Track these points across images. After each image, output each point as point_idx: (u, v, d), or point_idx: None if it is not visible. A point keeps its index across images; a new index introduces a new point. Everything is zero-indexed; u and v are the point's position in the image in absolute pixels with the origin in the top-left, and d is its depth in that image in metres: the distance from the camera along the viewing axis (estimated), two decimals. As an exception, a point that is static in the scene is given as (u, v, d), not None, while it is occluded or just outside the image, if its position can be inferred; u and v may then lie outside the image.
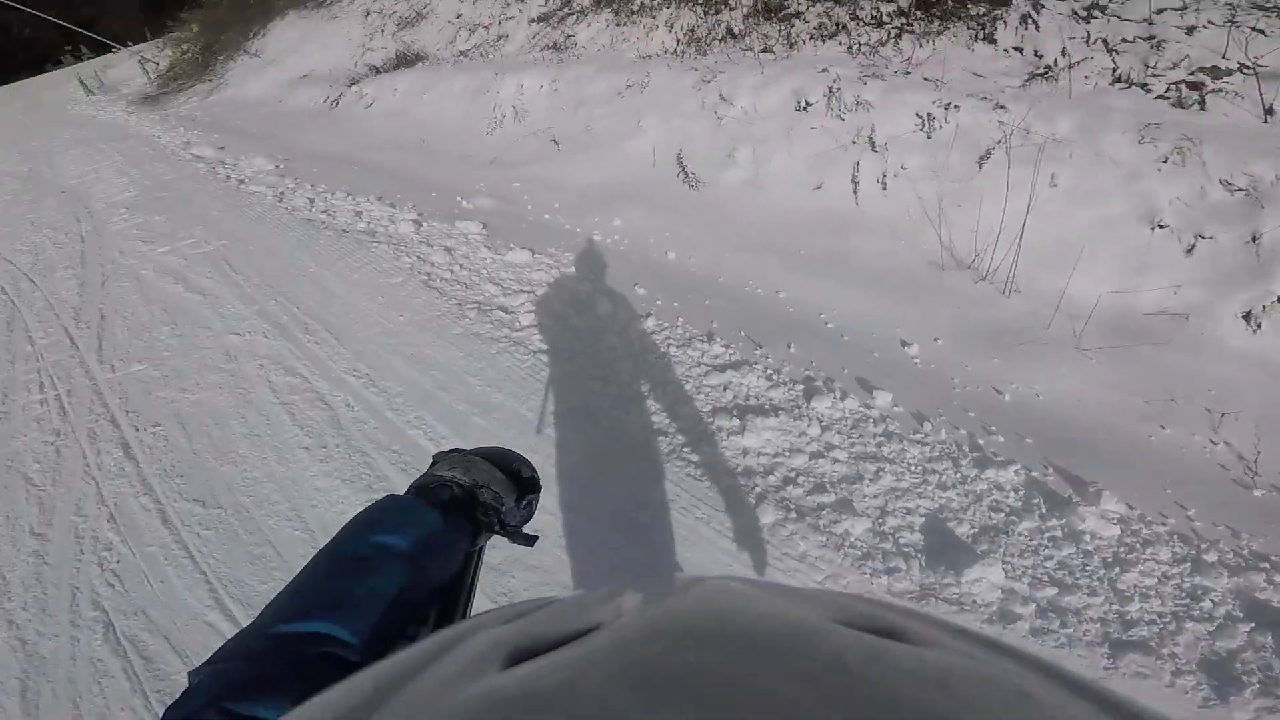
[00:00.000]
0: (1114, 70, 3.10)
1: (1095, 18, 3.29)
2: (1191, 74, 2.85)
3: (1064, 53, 3.31)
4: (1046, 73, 3.33)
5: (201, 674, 0.39)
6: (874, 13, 4.25)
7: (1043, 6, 3.51)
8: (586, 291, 2.78)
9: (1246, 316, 2.30)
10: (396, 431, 2.13)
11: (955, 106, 3.32)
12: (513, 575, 1.63)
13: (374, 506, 0.54)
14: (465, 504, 0.58)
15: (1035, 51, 3.46)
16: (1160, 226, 2.60)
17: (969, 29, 3.76)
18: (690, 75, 4.55)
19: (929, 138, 3.36)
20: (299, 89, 9.19)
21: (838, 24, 4.39)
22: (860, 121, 3.59)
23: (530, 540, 0.64)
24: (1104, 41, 3.19)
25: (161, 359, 2.72)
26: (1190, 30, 2.95)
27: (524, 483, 0.64)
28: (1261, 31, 2.77)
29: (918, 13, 4.02)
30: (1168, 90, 2.88)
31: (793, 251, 3.07)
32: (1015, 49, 3.55)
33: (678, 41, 5.31)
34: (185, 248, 3.89)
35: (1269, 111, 2.60)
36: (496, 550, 1.66)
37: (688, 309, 2.62)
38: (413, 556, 0.49)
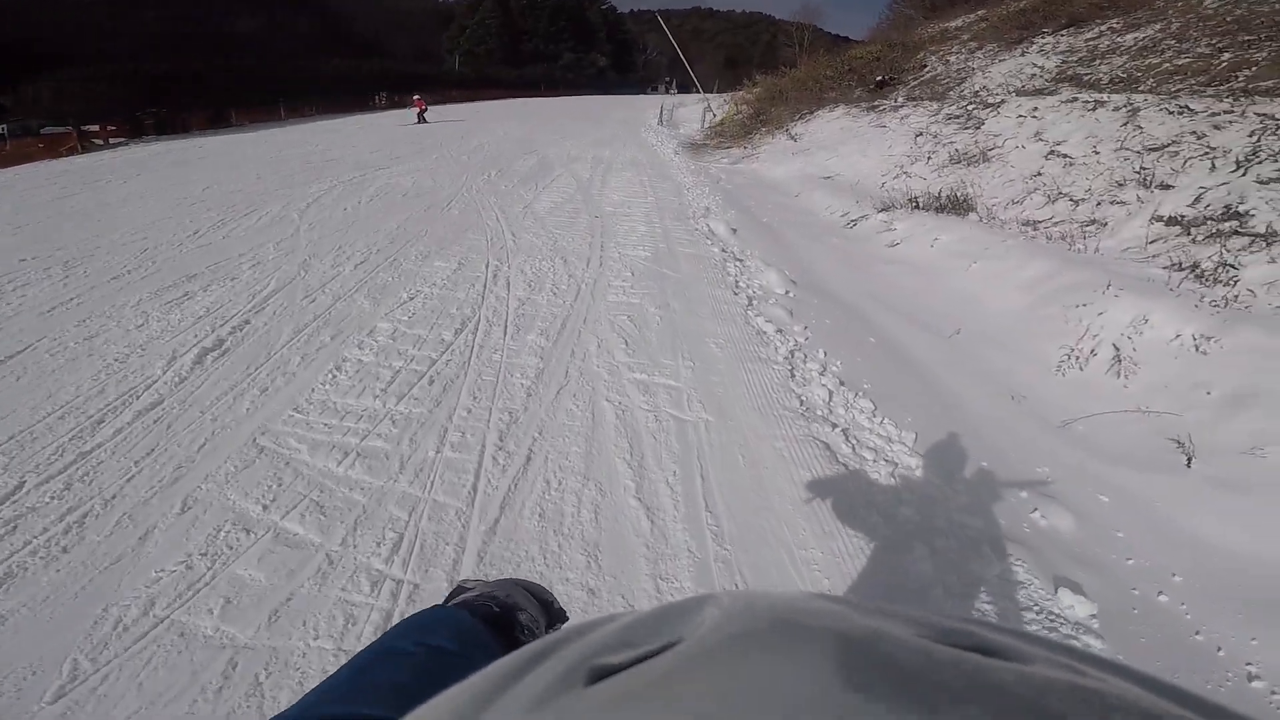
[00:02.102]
0: None
1: None
2: None
3: None
4: None
5: None
6: None
7: None
8: None
9: None
10: None
11: None
12: None
13: (422, 613, 0.54)
14: (504, 622, 0.57)
15: None
16: None
17: None
18: None
19: None
20: (820, 190, 8.74)
21: None
22: None
23: None
24: None
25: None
26: None
27: (553, 613, 0.64)
28: None
29: None
30: None
31: None
32: None
33: None
34: (661, 387, 3.06)
35: None
36: None
37: None
38: (458, 654, 0.49)
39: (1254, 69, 7.58)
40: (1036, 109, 8.61)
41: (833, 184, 9.09)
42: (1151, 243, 5.17)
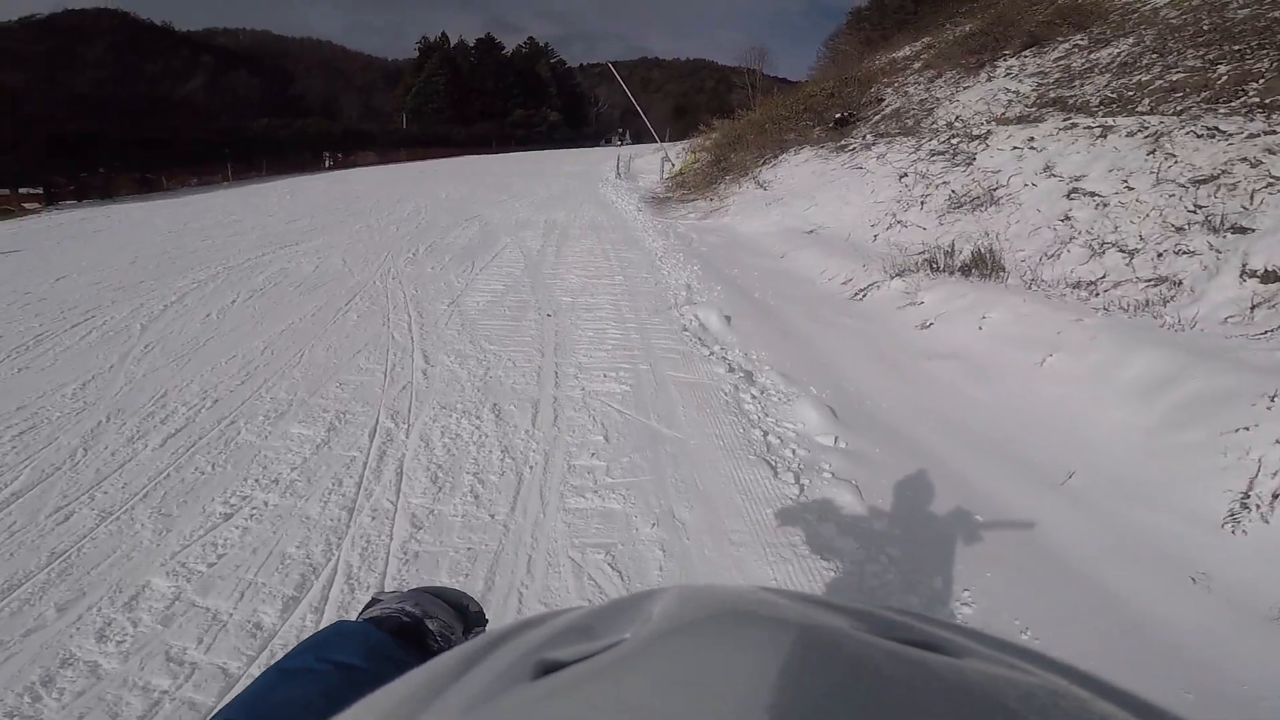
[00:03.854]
0: None
1: None
2: None
3: None
4: None
5: None
6: None
7: None
8: None
9: None
10: None
11: None
12: None
13: (324, 630, 0.52)
14: (415, 632, 0.55)
15: None
16: None
17: None
18: None
19: None
20: (807, 248, 7.50)
21: None
22: None
23: None
24: None
25: None
26: None
27: (470, 616, 0.61)
28: None
29: None
30: None
31: None
32: None
33: None
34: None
35: None
36: None
37: None
38: (366, 670, 0.46)
39: (1262, 81, 6.74)
40: (1033, 139, 7.63)
41: (818, 239, 7.89)
42: (1255, 308, 3.99)
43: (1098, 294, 4.81)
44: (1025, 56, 11.16)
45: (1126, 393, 3.48)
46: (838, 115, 13.41)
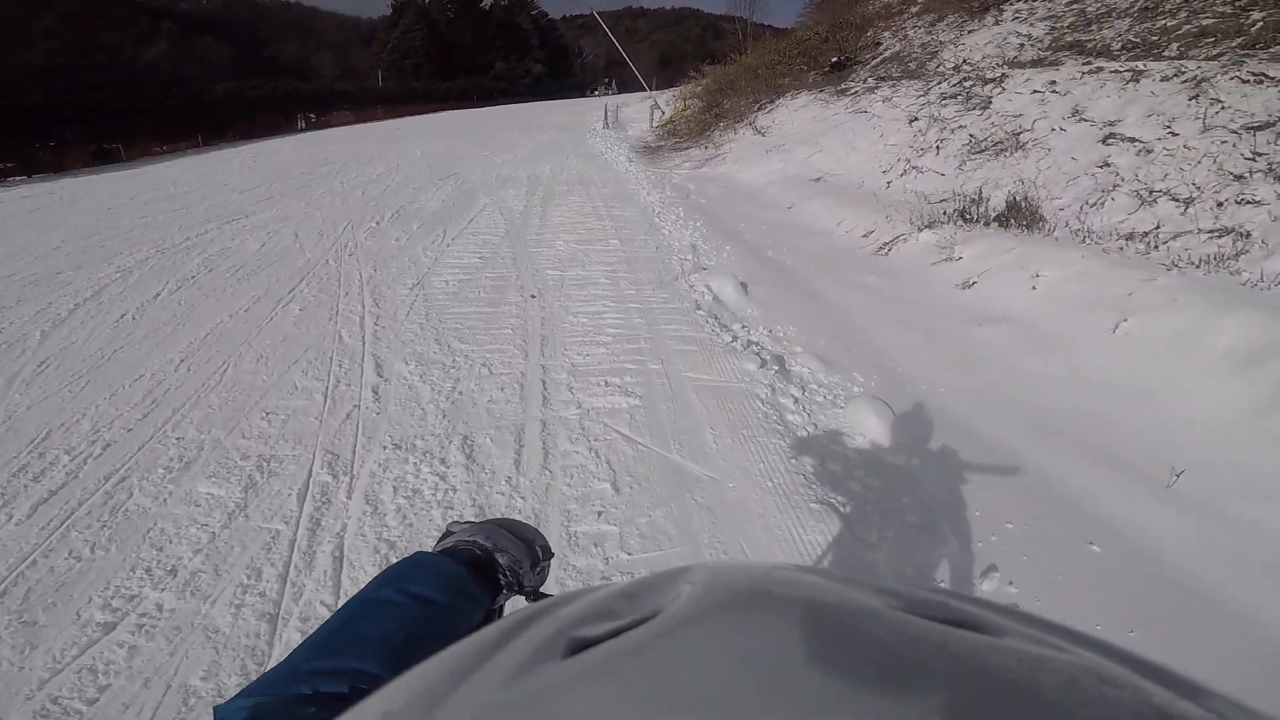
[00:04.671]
0: None
1: None
2: None
3: None
4: None
5: (234, 707, 0.37)
6: None
7: None
8: None
9: None
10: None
11: None
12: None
13: (404, 561, 0.52)
14: (486, 565, 0.56)
15: None
16: None
17: None
18: None
19: None
20: (816, 198, 6.75)
21: None
22: None
23: None
24: None
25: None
26: None
27: (536, 551, 0.61)
28: None
29: None
30: None
31: None
32: None
33: None
34: None
35: None
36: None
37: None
38: (442, 604, 0.47)
39: (1305, 27, 6.03)
40: (1054, 82, 6.85)
41: (827, 187, 7.14)
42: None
43: (1155, 246, 4.17)
44: (1033, 1, 10.33)
45: (1222, 363, 2.88)
46: (834, 59, 12.49)
